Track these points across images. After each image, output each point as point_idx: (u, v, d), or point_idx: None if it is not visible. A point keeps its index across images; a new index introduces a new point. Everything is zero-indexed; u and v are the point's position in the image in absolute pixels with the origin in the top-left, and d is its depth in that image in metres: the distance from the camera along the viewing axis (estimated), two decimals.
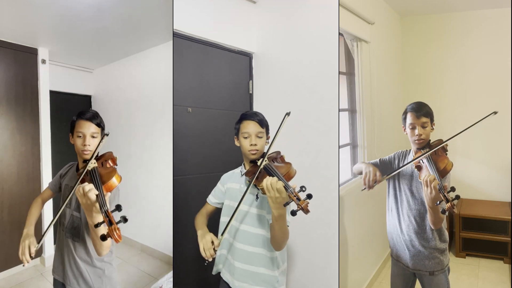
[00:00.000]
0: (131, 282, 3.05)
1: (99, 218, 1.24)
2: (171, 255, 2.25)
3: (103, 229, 1.20)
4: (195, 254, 2.32)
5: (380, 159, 1.93)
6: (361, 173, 1.82)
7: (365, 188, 1.68)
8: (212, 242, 1.48)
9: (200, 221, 1.70)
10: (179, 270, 2.25)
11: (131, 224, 1.26)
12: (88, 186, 1.23)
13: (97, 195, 1.24)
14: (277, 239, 1.44)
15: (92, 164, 1.41)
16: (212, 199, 1.75)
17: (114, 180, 1.36)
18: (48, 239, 3.33)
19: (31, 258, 1.42)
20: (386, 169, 1.87)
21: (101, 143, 1.46)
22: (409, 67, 3.17)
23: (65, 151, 3.09)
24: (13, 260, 3.15)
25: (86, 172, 1.39)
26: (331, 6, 2.20)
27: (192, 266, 2.32)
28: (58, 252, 1.62)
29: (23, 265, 1.40)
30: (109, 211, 1.21)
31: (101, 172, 1.40)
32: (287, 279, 2.39)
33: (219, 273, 1.71)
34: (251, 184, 1.45)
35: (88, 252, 1.54)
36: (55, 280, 1.64)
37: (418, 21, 3.13)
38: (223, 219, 1.69)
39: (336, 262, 2.18)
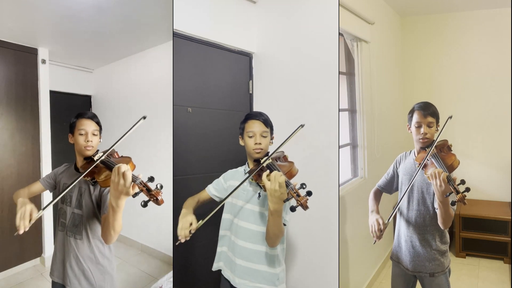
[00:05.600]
0: (131, 282, 3.05)
1: (132, 192, 1.25)
2: (171, 255, 2.25)
3: (142, 198, 1.24)
4: (195, 254, 2.33)
5: (386, 176, 1.93)
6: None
7: (375, 241, 1.71)
8: (191, 224, 1.49)
9: (189, 203, 1.70)
10: (179, 270, 2.25)
11: (131, 224, 1.26)
12: (124, 167, 1.23)
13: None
14: (271, 234, 1.45)
15: (102, 157, 1.41)
16: (212, 190, 1.75)
17: (128, 167, 1.37)
18: (48, 239, 3.34)
19: (29, 225, 1.36)
20: (392, 182, 1.90)
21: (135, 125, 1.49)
22: (409, 67, 3.17)
23: (65, 151, 3.10)
24: (13, 260, 3.15)
25: (96, 165, 1.40)
26: (331, 6, 2.20)
27: (192, 266, 2.32)
28: (57, 254, 1.61)
29: (16, 234, 1.31)
30: (143, 181, 1.26)
31: (116, 160, 1.41)
32: (288, 278, 2.39)
33: (220, 271, 1.72)
34: (251, 176, 1.47)
35: (92, 249, 1.54)
36: (53, 283, 1.63)
37: (418, 21, 3.13)
38: (225, 216, 1.70)
39: (336, 262, 2.18)
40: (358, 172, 2.73)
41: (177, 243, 1.48)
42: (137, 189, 1.25)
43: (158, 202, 1.26)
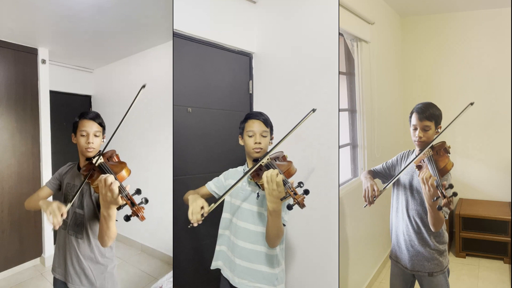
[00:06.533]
0: (131, 282, 3.05)
1: (120, 202, 1.27)
2: (171, 255, 2.25)
3: (126, 211, 1.26)
4: (195, 254, 2.33)
5: (384, 165, 1.93)
6: None
7: (366, 205, 1.71)
8: (202, 208, 1.48)
9: (192, 192, 1.71)
10: (179, 270, 2.25)
11: (131, 224, 1.27)
12: (111, 178, 1.24)
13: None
14: (270, 235, 1.45)
15: (99, 160, 1.43)
16: (212, 186, 1.75)
17: (124, 173, 1.40)
18: (48, 239, 3.34)
19: (62, 219, 1.38)
20: (389, 169, 1.89)
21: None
22: (409, 67, 3.17)
23: (65, 151, 3.10)
24: (13, 260, 3.15)
25: (94, 168, 1.41)
26: (331, 6, 2.20)
27: (192, 266, 2.32)
28: (59, 251, 1.62)
29: (52, 229, 1.37)
30: (129, 194, 1.27)
31: (111, 165, 1.43)
32: (288, 278, 2.39)
33: (219, 270, 1.72)
34: (248, 174, 1.47)
35: (92, 248, 1.55)
36: (55, 279, 1.65)
37: (418, 21, 3.13)
38: (225, 215, 1.71)
39: (336, 262, 2.18)
40: (358, 172, 2.72)
41: (189, 226, 1.47)
42: (123, 202, 1.27)
43: (139, 218, 1.27)
